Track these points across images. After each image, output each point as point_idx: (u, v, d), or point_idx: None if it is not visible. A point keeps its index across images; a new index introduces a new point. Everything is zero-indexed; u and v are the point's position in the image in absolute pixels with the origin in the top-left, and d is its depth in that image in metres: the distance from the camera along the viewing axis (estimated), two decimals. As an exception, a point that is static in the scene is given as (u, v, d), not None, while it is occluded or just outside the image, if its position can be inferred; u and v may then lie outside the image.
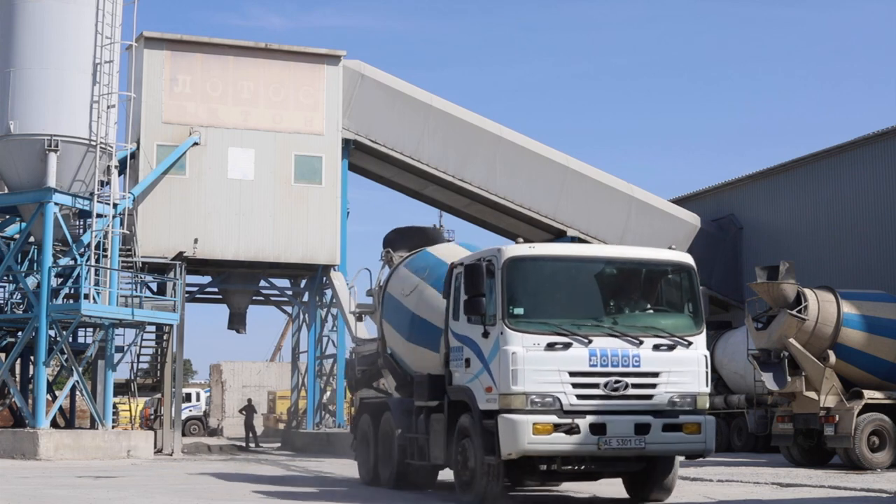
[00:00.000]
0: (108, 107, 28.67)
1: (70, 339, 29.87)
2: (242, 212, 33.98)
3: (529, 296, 13.61)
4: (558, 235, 38.29)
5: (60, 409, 32.00)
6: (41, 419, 27.37)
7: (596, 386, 13.30)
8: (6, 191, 29.11)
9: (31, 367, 30.69)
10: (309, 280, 37.32)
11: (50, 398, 30.11)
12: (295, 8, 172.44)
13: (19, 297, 31.15)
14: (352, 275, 35.30)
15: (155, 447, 30.11)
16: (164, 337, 33.13)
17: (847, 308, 23.13)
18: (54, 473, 20.83)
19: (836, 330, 22.92)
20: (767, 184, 39.62)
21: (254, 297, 38.39)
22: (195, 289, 37.30)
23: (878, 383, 23.12)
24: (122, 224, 30.11)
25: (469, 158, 36.76)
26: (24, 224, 28.93)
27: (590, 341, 13.39)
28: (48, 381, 29.57)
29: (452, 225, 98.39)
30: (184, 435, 37.76)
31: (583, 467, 13.88)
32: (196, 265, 34.39)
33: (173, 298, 31.34)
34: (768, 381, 23.22)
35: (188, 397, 52.76)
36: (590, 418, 13.20)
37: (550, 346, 13.25)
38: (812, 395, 22.93)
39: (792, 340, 22.84)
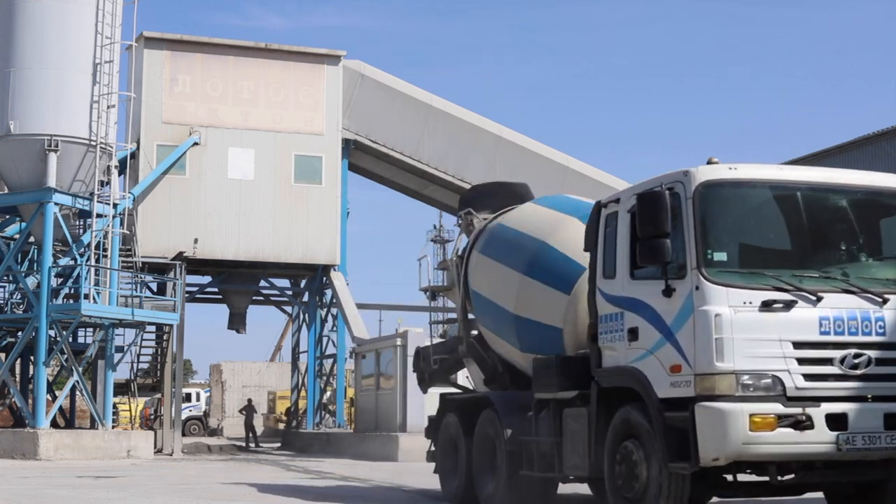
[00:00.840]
0: (108, 107, 28.67)
1: (70, 339, 29.87)
2: (242, 212, 33.99)
3: (733, 236, 10.07)
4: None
5: (60, 409, 32.01)
6: (41, 419, 27.37)
7: (829, 362, 9.70)
8: (6, 191, 29.11)
9: (31, 367, 30.69)
10: (309, 280, 37.32)
11: (50, 398, 30.11)
12: (295, 8, 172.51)
13: (19, 297, 31.16)
14: (353, 273, 35.35)
15: (155, 447, 30.10)
16: (164, 337, 33.13)
17: None
18: (54, 473, 20.82)
19: None
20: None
21: (254, 297, 38.41)
22: (195, 289, 37.32)
23: None
24: (122, 224, 30.11)
25: (469, 158, 36.77)
26: (24, 224, 28.93)
27: (818, 299, 9.77)
28: (48, 381, 29.57)
29: (452, 225, 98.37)
30: (184, 435, 37.77)
31: (806, 476, 10.13)
32: (196, 265, 34.40)
33: (173, 298, 31.34)
34: None
35: (188, 397, 52.78)
36: (825, 407, 9.57)
37: (767, 306, 9.65)
38: None
39: None
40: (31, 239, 29.10)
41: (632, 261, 10.50)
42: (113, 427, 30.53)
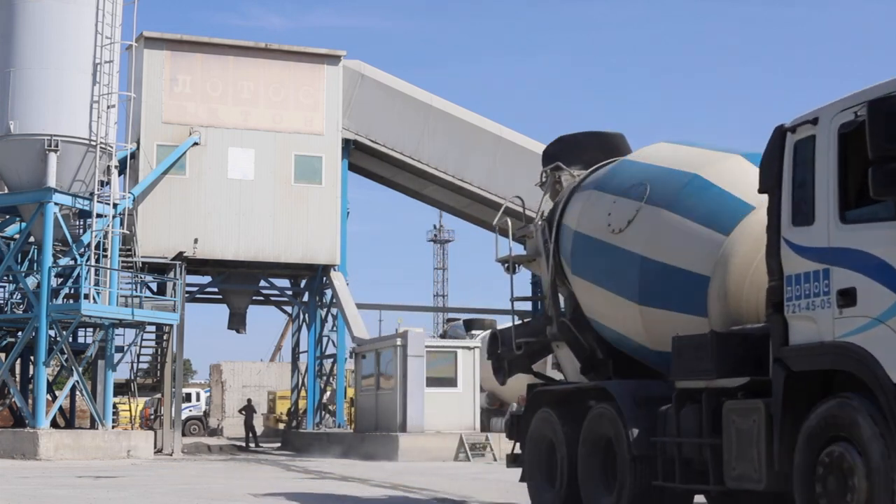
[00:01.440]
0: (108, 107, 28.67)
1: (70, 339, 29.87)
2: (242, 212, 33.98)
3: None
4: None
5: (60, 409, 32.01)
6: (41, 419, 27.36)
7: None
8: (6, 191, 29.11)
9: (31, 367, 30.69)
10: (309, 280, 37.31)
11: (50, 398, 30.11)
12: (294, 8, 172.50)
13: (19, 297, 31.17)
14: (353, 273, 35.33)
15: (155, 447, 30.10)
16: (164, 337, 33.13)
17: None
18: (54, 473, 20.83)
19: None
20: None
21: (254, 297, 38.40)
22: (195, 289, 37.31)
23: None
24: (122, 224, 30.11)
25: (469, 158, 36.76)
26: (24, 224, 28.93)
27: None
28: (48, 381, 29.57)
29: (452, 225, 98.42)
30: (184, 435, 37.76)
31: None
32: (196, 265, 34.39)
33: (173, 298, 31.34)
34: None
35: (188, 397, 52.78)
36: None
37: None
38: None
39: None
40: (31, 239, 29.09)
41: (842, 199, 8.04)
42: (113, 427, 30.53)
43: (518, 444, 12.90)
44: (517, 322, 14.16)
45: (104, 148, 28.43)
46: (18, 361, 31.86)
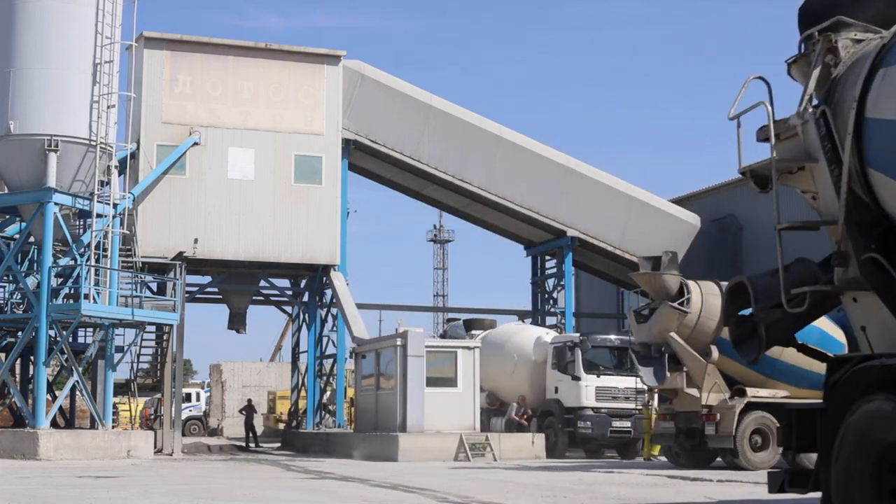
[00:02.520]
0: (108, 107, 28.67)
1: (70, 339, 29.87)
2: (242, 212, 33.99)
3: None
4: (558, 236, 38.33)
5: (60, 409, 32.01)
6: (41, 419, 27.37)
7: None
8: (6, 191, 29.11)
9: (31, 367, 30.69)
10: (309, 280, 37.32)
11: (50, 398, 30.12)
12: (294, 8, 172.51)
13: (19, 297, 31.16)
14: (353, 273, 35.22)
15: (155, 447, 30.10)
16: (164, 337, 33.13)
17: None
18: (54, 473, 20.82)
19: (720, 324, 21.16)
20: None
21: (254, 297, 38.40)
22: (195, 289, 37.31)
23: (763, 381, 22.09)
24: (122, 224, 30.11)
25: (469, 158, 36.77)
26: (24, 224, 28.93)
27: None
28: (48, 381, 29.57)
29: (452, 225, 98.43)
30: (184, 435, 37.76)
31: None
32: (196, 265, 34.39)
33: (173, 298, 31.34)
34: (646, 376, 21.91)
35: (188, 397, 52.78)
36: None
37: None
38: (693, 392, 21.86)
39: (673, 335, 21.62)
40: (31, 239, 29.10)
41: None
42: (113, 427, 30.53)
43: (791, 455, 8.67)
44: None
45: (104, 148, 28.43)
46: (18, 361, 31.86)
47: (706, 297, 21.73)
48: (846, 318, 22.67)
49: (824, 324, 22.03)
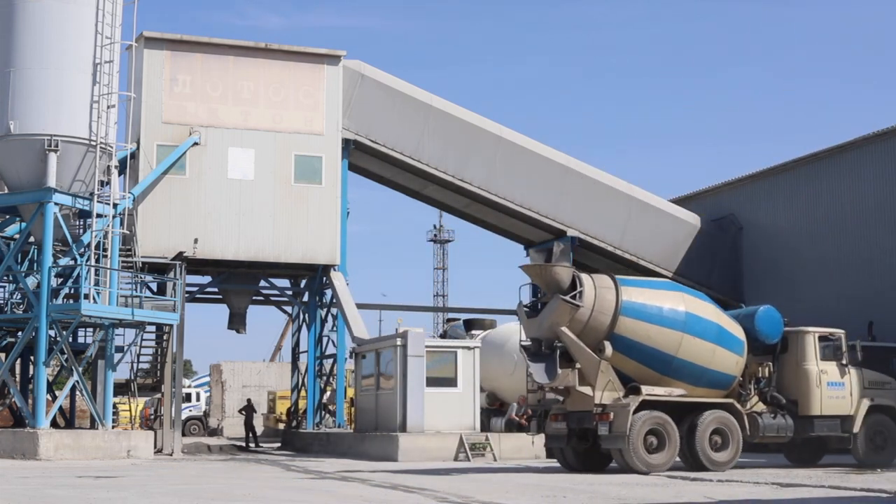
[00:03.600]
0: (108, 107, 28.68)
1: (70, 339, 29.87)
2: (242, 212, 33.99)
3: None
4: (558, 235, 38.33)
5: (60, 409, 32.01)
6: (41, 419, 27.37)
7: None
8: (6, 191, 29.12)
9: (31, 367, 30.70)
10: (309, 280, 37.32)
11: (50, 398, 30.12)
12: (293, 8, 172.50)
13: (19, 297, 31.15)
14: (353, 273, 35.23)
15: (155, 447, 30.10)
16: (164, 337, 33.14)
17: (627, 296, 20.73)
18: (54, 473, 20.82)
19: (614, 319, 20.53)
20: (767, 184, 39.64)
21: (254, 297, 38.39)
22: (195, 289, 37.31)
23: (659, 379, 20.97)
24: (122, 224, 30.12)
25: (469, 158, 36.77)
26: (24, 224, 28.94)
27: None
28: (48, 381, 29.57)
29: (452, 225, 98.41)
30: (184, 435, 37.75)
31: None
32: (196, 265, 34.40)
33: (173, 298, 31.34)
34: (536, 373, 20.73)
35: (188, 397, 52.78)
36: None
37: None
38: (586, 390, 20.58)
39: (564, 329, 20.38)
40: (31, 239, 29.10)
41: None
42: (113, 427, 30.53)
43: None
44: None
45: (104, 148, 28.44)
46: (18, 361, 31.86)
47: (600, 291, 20.71)
48: (746, 315, 22.49)
49: (723, 321, 21.76)
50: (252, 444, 39.83)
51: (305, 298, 37.65)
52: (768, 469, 22.29)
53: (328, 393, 37.86)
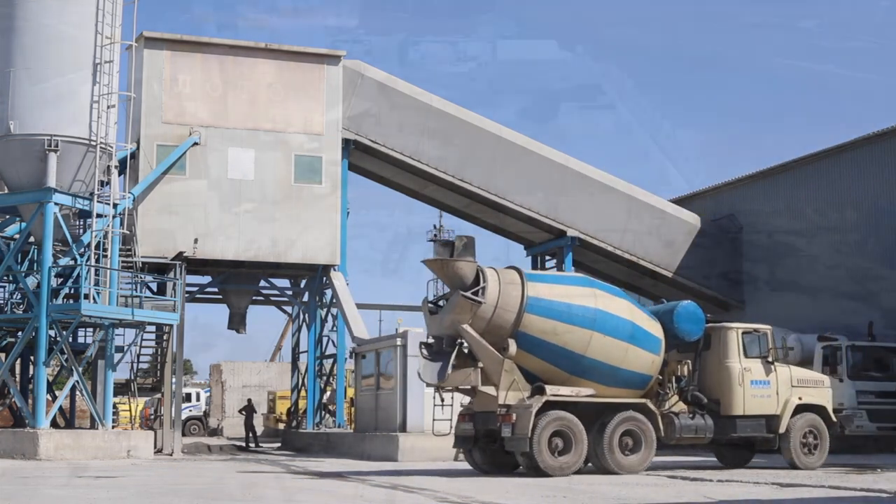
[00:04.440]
0: (108, 107, 28.68)
1: (70, 339, 29.87)
2: (242, 212, 33.98)
3: None
4: (558, 236, 38.34)
5: (60, 409, 32.01)
6: (41, 419, 27.37)
7: None
8: (6, 191, 29.12)
9: (31, 367, 30.70)
10: (309, 280, 37.32)
11: (50, 398, 30.11)
12: (292, 7, 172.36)
13: (19, 297, 31.15)
14: (352, 271, 35.20)
15: (155, 447, 30.10)
16: (164, 337, 33.14)
17: (534, 292, 19.98)
18: (54, 473, 20.83)
19: (519, 316, 19.77)
20: (767, 184, 39.66)
21: (254, 297, 38.41)
22: (195, 289, 37.31)
23: (567, 378, 20.15)
24: (122, 224, 30.12)
25: (469, 158, 36.77)
26: (24, 224, 28.93)
27: None
28: (48, 381, 29.58)
29: (452, 225, 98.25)
30: (184, 435, 37.76)
31: None
32: (196, 265, 34.39)
33: (173, 298, 31.35)
34: (426, 373, 20.00)
35: (188, 397, 52.78)
36: None
37: None
38: (489, 390, 19.90)
39: (465, 327, 19.58)
40: (31, 239, 29.10)
41: None
42: (113, 427, 30.53)
43: None
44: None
45: (104, 148, 28.44)
46: (18, 361, 31.86)
47: (504, 287, 19.88)
48: (665, 312, 21.48)
49: (638, 318, 20.75)
50: (252, 445, 39.84)
51: (305, 298, 37.66)
52: (768, 469, 22.30)
53: (328, 393, 37.87)
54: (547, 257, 41.55)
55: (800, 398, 22.17)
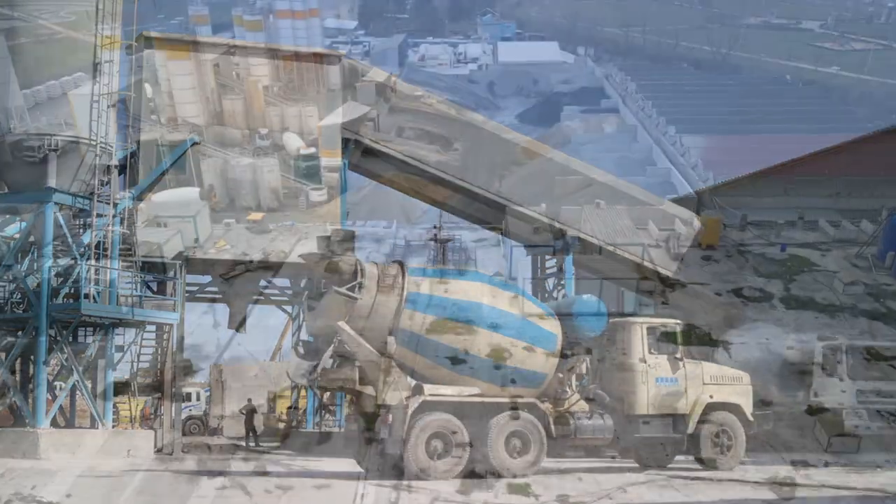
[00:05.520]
0: (108, 106, 28.66)
1: (70, 339, 29.85)
2: (242, 212, 33.98)
3: None
4: (559, 236, 38.31)
5: (60, 408, 31.97)
6: (41, 419, 27.34)
7: None
8: (6, 191, 29.10)
9: (31, 367, 30.66)
10: (309, 280, 37.27)
11: (50, 398, 30.09)
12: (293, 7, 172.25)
13: (19, 297, 31.11)
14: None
15: (155, 447, 30.08)
16: (164, 337, 33.11)
17: (414, 287, 19.39)
18: (54, 473, 20.80)
19: (398, 312, 19.13)
20: (767, 183, 39.65)
21: (254, 297, 38.34)
22: (195, 289, 37.25)
23: (451, 377, 19.33)
24: (122, 224, 30.09)
25: (469, 158, 36.77)
26: (24, 224, 28.91)
27: None
28: (48, 380, 29.55)
29: (453, 225, 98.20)
30: (184, 434, 37.70)
31: None
32: (196, 265, 34.35)
33: (173, 298, 31.32)
34: (294, 371, 19.62)
35: (188, 397, 52.63)
36: None
37: None
38: (368, 390, 19.12)
39: (341, 324, 18.89)
40: (31, 239, 29.07)
41: None
42: (113, 427, 30.51)
43: None
44: None
45: (104, 148, 28.42)
46: (18, 361, 31.82)
47: (383, 282, 19.25)
48: (564, 306, 20.54)
49: (532, 314, 19.96)
50: (252, 444, 39.79)
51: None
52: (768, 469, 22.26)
53: (328, 393, 37.81)
54: (547, 257, 41.55)
55: (711, 396, 20.67)
